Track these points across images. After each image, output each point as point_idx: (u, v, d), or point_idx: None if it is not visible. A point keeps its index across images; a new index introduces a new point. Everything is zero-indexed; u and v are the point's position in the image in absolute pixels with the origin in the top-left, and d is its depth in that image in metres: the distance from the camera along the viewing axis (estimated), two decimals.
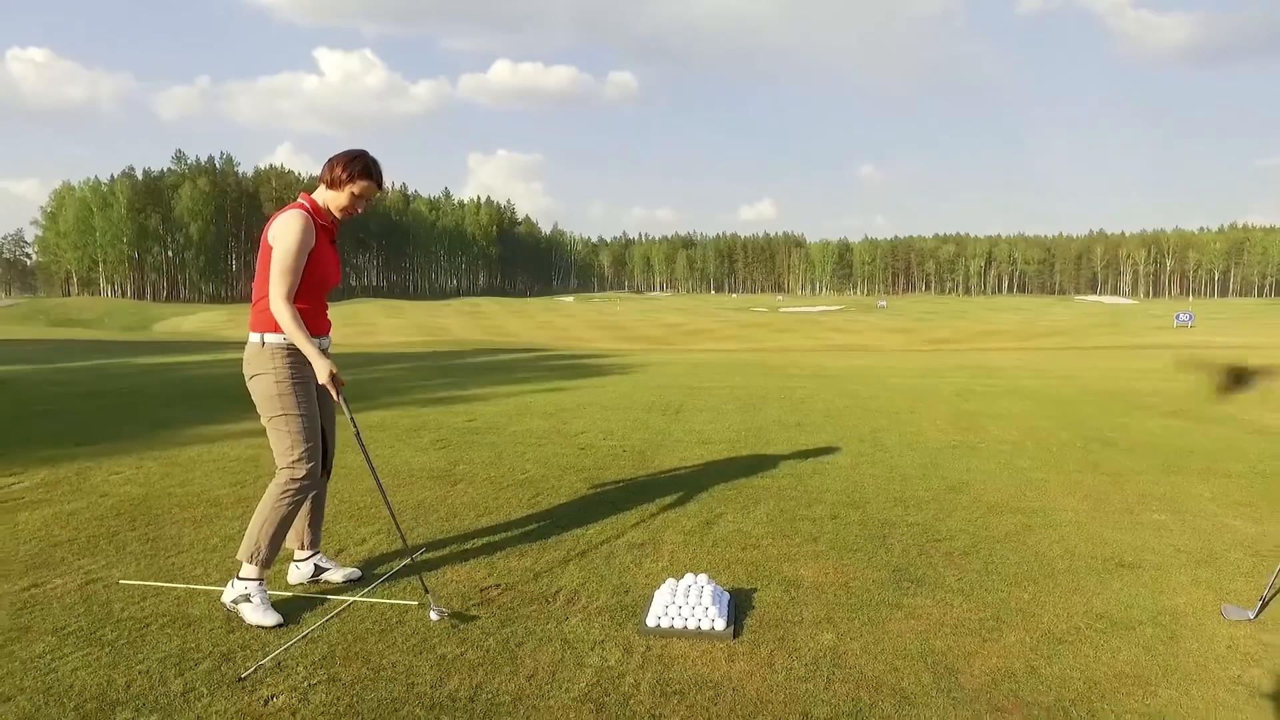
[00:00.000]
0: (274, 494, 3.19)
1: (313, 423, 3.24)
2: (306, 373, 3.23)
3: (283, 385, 3.17)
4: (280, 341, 3.17)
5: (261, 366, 3.19)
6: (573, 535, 4.17)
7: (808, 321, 72.42)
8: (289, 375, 3.18)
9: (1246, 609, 3.17)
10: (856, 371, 13.85)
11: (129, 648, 2.85)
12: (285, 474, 3.19)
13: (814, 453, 6.25)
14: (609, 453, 6.30)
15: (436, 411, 8.61)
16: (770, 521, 4.40)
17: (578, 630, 3.00)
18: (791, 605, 3.23)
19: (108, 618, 3.12)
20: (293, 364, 3.19)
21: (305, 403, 3.21)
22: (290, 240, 3.12)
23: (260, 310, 3.20)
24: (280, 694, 2.52)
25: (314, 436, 3.24)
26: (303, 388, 3.21)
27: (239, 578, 3.15)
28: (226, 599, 3.12)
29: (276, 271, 3.11)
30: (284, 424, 3.18)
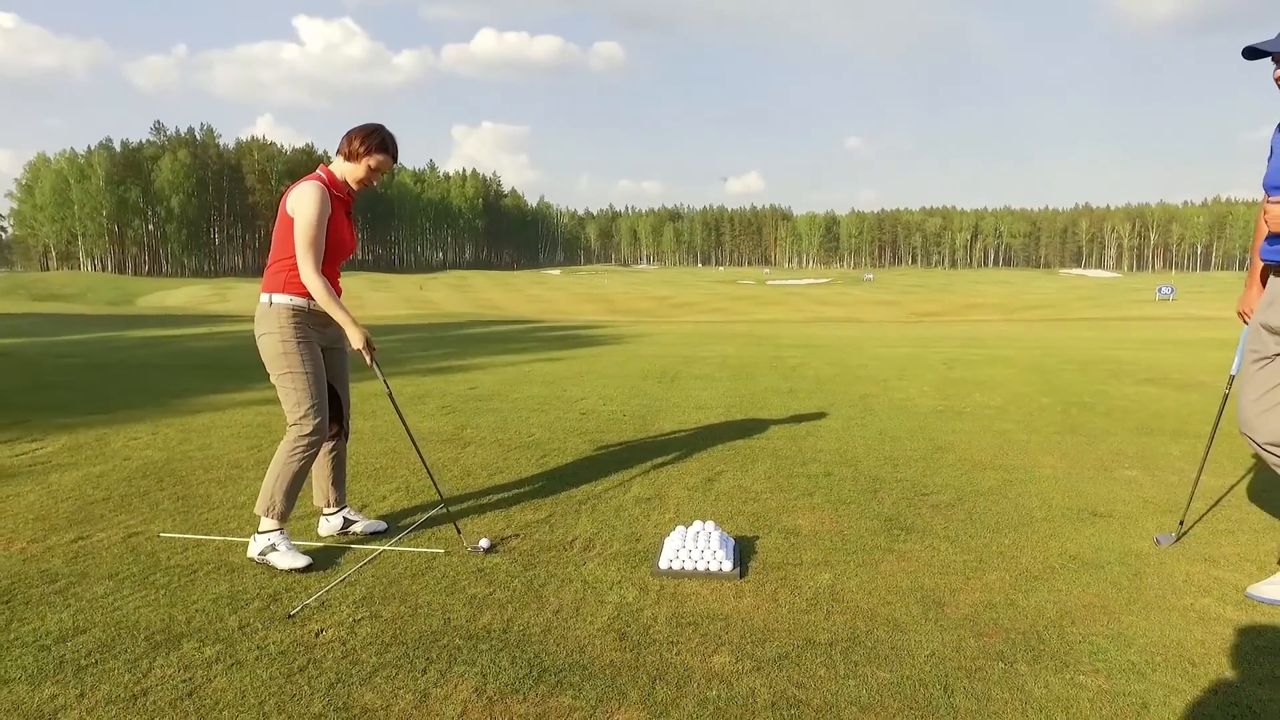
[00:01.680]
0: (285, 450, 3.39)
1: (318, 380, 3.41)
2: (311, 333, 3.41)
3: (288, 344, 3.35)
4: (286, 302, 3.35)
5: (268, 326, 3.38)
6: (582, 491, 4.42)
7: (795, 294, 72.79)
8: (294, 335, 3.36)
9: (1171, 533, 3.69)
10: (845, 342, 14.14)
11: (181, 590, 3.08)
12: (294, 430, 3.38)
13: (806, 417, 6.51)
14: (609, 417, 6.55)
15: (438, 380, 8.82)
16: (768, 478, 4.67)
17: (596, 573, 3.25)
18: (791, 550, 3.50)
19: (156, 565, 3.35)
20: (297, 324, 3.35)
21: (310, 361, 3.39)
22: (309, 213, 3.30)
23: (273, 273, 3.38)
24: (328, 628, 2.76)
25: (320, 394, 3.41)
26: (307, 347, 3.39)
27: (259, 532, 3.36)
28: (253, 553, 3.33)
29: (301, 245, 3.29)
30: (290, 381, 3.37)
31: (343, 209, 3.48)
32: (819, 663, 2.52)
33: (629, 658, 2.55)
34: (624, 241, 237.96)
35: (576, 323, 21.27)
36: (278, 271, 3.37)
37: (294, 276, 3.35)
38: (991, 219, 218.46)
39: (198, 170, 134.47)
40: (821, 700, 2.31)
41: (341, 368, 3.67)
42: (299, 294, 3.37)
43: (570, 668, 2.49)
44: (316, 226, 3.30)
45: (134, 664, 2.50)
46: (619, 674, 2.46)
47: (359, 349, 3.45)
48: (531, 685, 2.39)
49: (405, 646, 2.64)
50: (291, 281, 3.36)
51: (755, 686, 2.38)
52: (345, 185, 3.48)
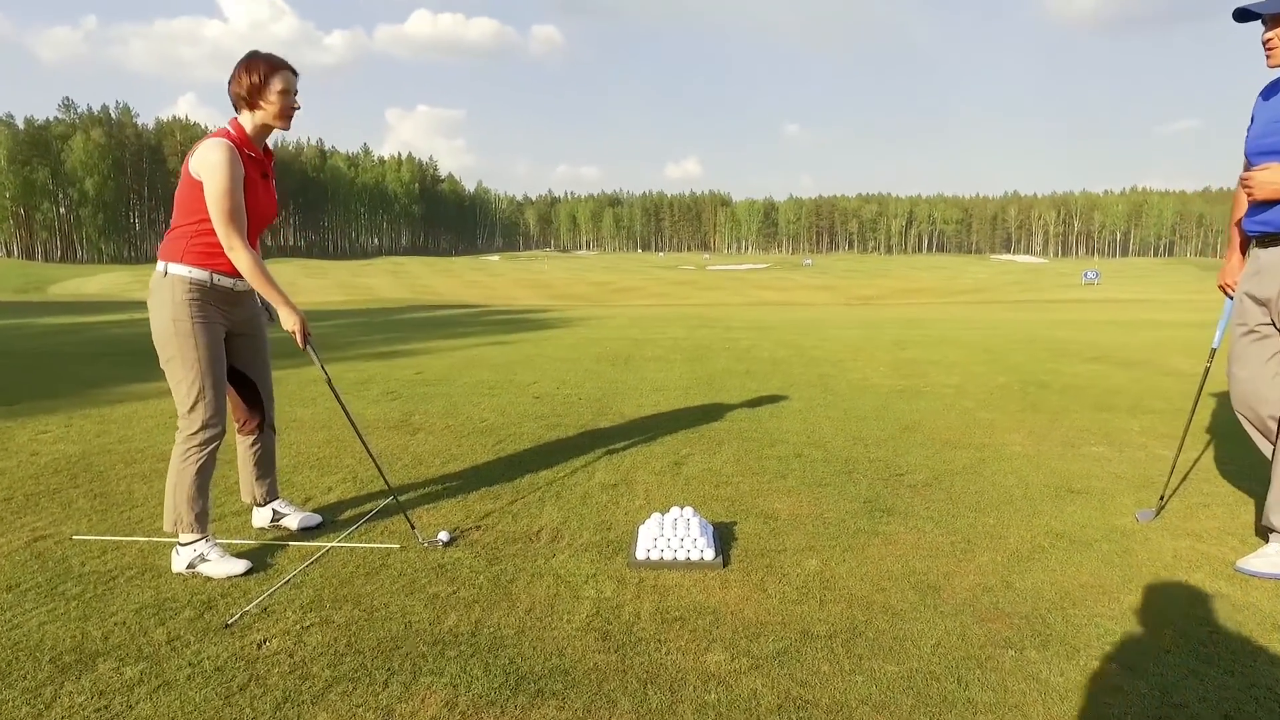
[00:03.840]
0: (178, 454, 2.99)
1: (213, 369, 2.97)
2: (212, 313, 2.98)
3: (181, 324, 2.92)
4: (184, 274, 2.92)
5: (160, 299, 2.95)
6: (544, 478, 4.16)
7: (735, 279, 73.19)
8: (189, 313, 2.93)
9: (1151, 509, 3.62)
10: (794, 324, 14.10)
11: (98, 601, 2.72)
12: (184, 426, 2.98)
13: (767, 398, 6.36)
14: (565, 401, 6.28)
15: (381, 365, 8.40)
16: (737, 461, 4.48)
17: (567, 565, 3.00)
18: (773, 536, 3.31)
19: (67, 573, 2.97)
20: (195, 301, 2.92)
21: (207, 346, 2.96)
22: (221, 179, 2.86)
23: (172, 239, 2.96)
24: (273, 637, 2.45)
25: (214, 385, 2.97)
26: (204, 329, 2.94)
27: (180, 545, 2.98)
28: (179, 567, 2.94)
29: (220, 217, 2.88)
30: (180, 367, 2.95)
31: (258, 170, 3.04)
32: (821, 657, 2.33)
33: (614, 660, 2.32)
34: (563, 227, 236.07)
35: (521, 307, 20.84)
36: (178, 238, 2.96)
37: (196, 245, 2.94)
38: (925, 206, 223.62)
39: (114, 151, 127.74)
40: (830, 699, 2.11)
41: (257, 356, 3.28)
42: (200, 265, 2.95)
43: (551, 673, 2.24)
44: (231, 193, 2.88)
45: (35, 692, 2.15)
46: (605, 679, 2.22)
47: (291, 331, 3.11)
48: (509, 695, 2.14)
49: (362, 656, 2.35)
50: (193, 250, 2.94)
51: (757, 687, 2.17)
52: (259, 141, 3.06)
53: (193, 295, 2.94)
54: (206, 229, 2.94)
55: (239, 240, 2.93)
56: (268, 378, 3.35)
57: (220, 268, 2.99)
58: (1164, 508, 3.65)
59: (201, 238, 2.95)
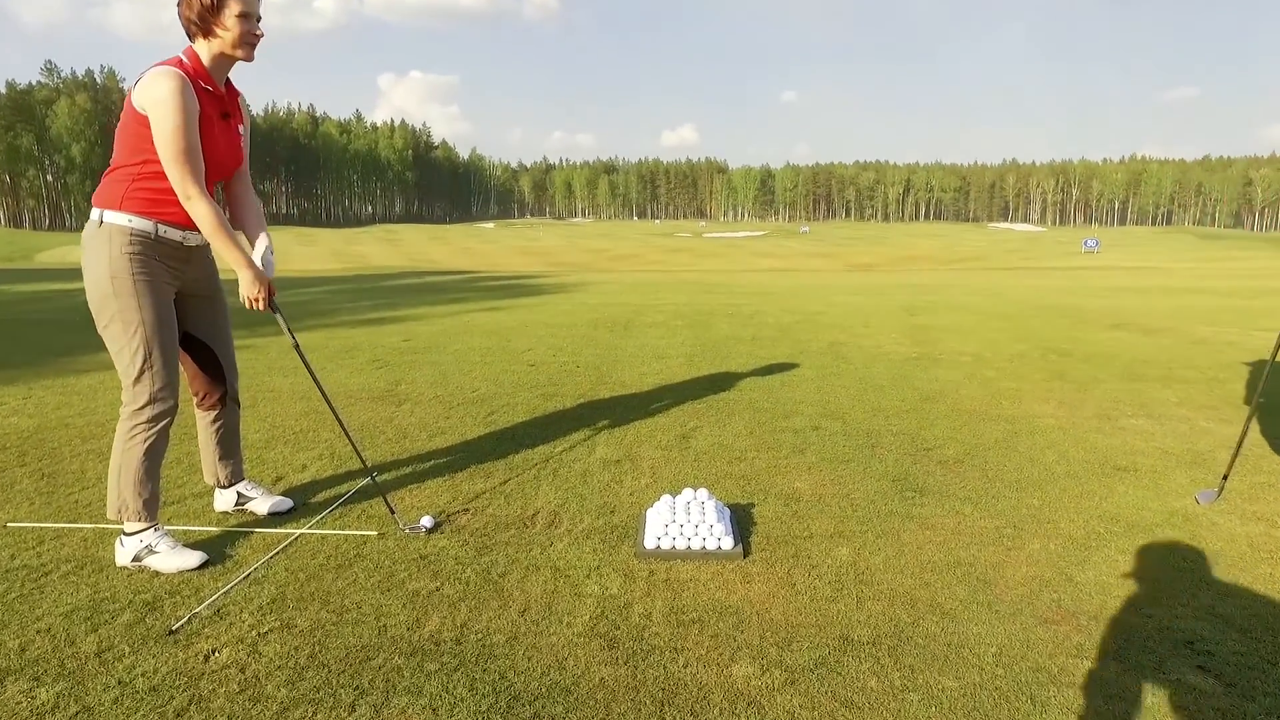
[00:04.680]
0: (122, 431, 2.62)
1: (162, 334, 2.57)
2: (158, 270, 2.58)
3: (120, 282, 2.52)
4: (123, 223, 2.51)
5: (96, 254, 2.54)
6: (540, 453, 3.80)
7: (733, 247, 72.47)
8: (129, 269, 2.52)
9: (1212, 489, 3.27)
10: (798, 290, 13.69)
11: (21, 603, 2.36)
12: (129, 401, 2.60)
13: (776, 366, 5.99)
14: (562, 369, 5.91)
15: (369, 332, 8.00)
16: (750, 434, 4.12)
17: (567, 556, 2.65)
18: (796, 519, 2.96)
19: None
20: (137, 256, 2.52)
21: (153, 307, 2.56)
22: (170, 114, 2.41)
23: (110, 182, 2.56)
24: (224, 647, 2.10)
25: (163, 353, 2.58)
26: (149, 288, 2.55)
27: (125, 535, 2.62)
28: (123, 560, 2.58)
29: (170, 159, 2.46)
30: (120, 333, 2.55)
31: (216, 108, 2.60)
32: (866, 670, 1.98)
33: (624, 673, 1.97)
34: (559, 195, 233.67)
35: (516, 273, 20.35)
36: (118, 182, 2.54)
37: (139, 190, 2.53)
38: (923, 174, 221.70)
39: (100, 116, 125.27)
40: None
41: (216, 321, 2.88)
42: (143, 214, 2.54)
43: (549, 691, 1.90)
44: (186, 131, 2.45)
45: None
46: (614, 697, 1.87)
47: (249, 298, 2.72)
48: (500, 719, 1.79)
49: (326, 670, 1.99)
50: (135, 197, 2.53)
51: (794, 708, 1.83)
52: (220, 75, 2.61)
53: (134, 249, 2.54)
54: (152, 172, 2.52)
55: (195, 188, 2.52)
56: (228, 345, 2.96)
57: (167, 217, 2.58)
58: (1221, 487, 3.30)
59: (146, 182, 2.53)
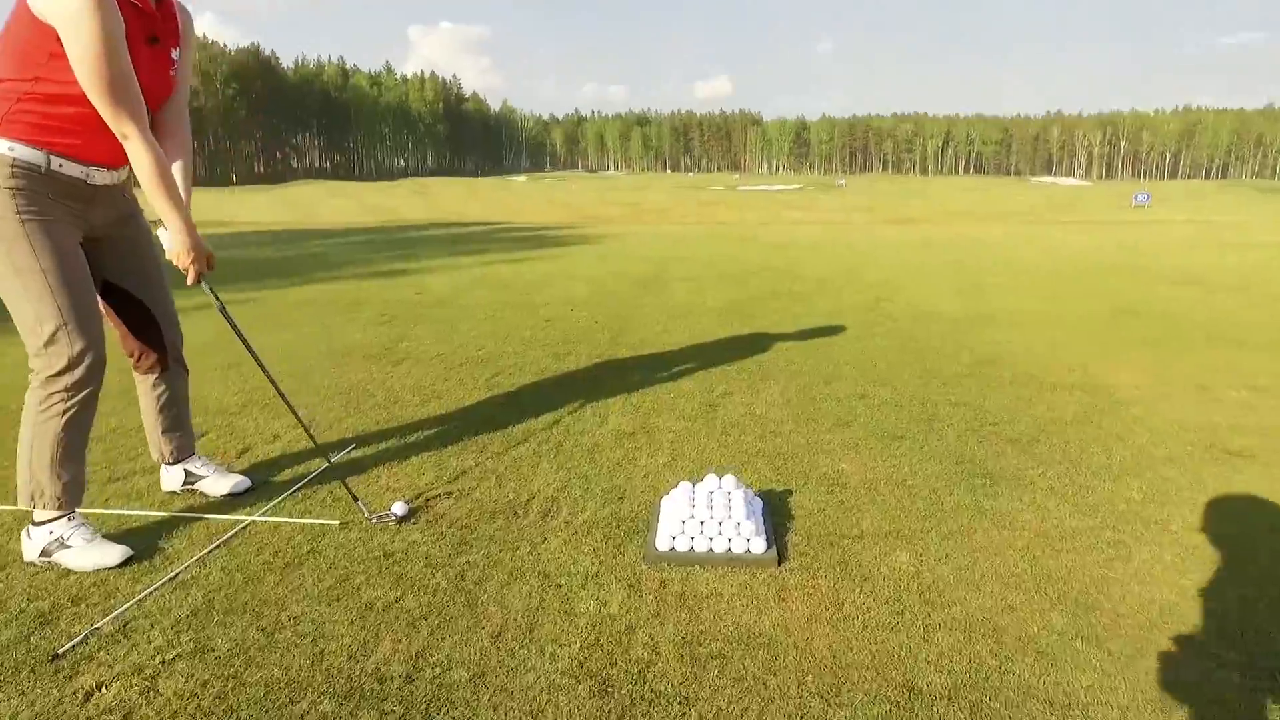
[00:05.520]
0: (34, 404, 2.16)
1: (71, 285, 2.12)
2: (53, 209, 2.11)
3: (6, 224, 2.04)
4: (3, 150, 2.02)
5: None
6: (543, 423, 3.31)
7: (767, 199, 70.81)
8: (13, 208, 2.04)
9: None
10: (836, 243, 12.96)
11: None
12: (40, 368, 2.14)
13: (816, 324, 5.42)
14: (578, 326, 5.40)
15: (379, 285, 7.56)
16: (787, 403, 3.59)
17: (560, 557, 2.17)
18: (842, 512, 2.44)
19: None
20: (22, 191, 2.05)
21: (53, 253, 2.09)
22: (89, 33, 1.92)
23: None
24: (115, 680, 1.66)
25: (78, 307, 2.13)
26: (44, 228, 2.08)
27: (34, 524, 2.19)
28: (30, 555, 2.17)
29: (97, 91, 1.98)
30: (20, 287, 2.08)
31: (143, 29, 2.09)
32: None
33: None
34: (591, 147, 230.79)
35: (541, 224, 19.75)
36: (1, 97, 2.03)
37: (26, 112, 2.03)
38: (964, 126, 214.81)
39: None
40: None
41: (143, 266, 2.41)
42: (30, 141, 2.05)
43: None
44: (111, 55, 1.95)
45: None
46: None
47: (176, 261, 2.28)
48: None
49: (234, 718, 1.54)
50: (19, 120, 2.03)
51: None
52: None
53: (17, 183, 2.04)
54: (47, 94, 2.02)
55: (132, 125, 2.04)
56: (163, 294, 2.48)
57: (63, 148, 2.09)
58: None
59: (35, 105, 2.02)
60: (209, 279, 2.38)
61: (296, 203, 58.17)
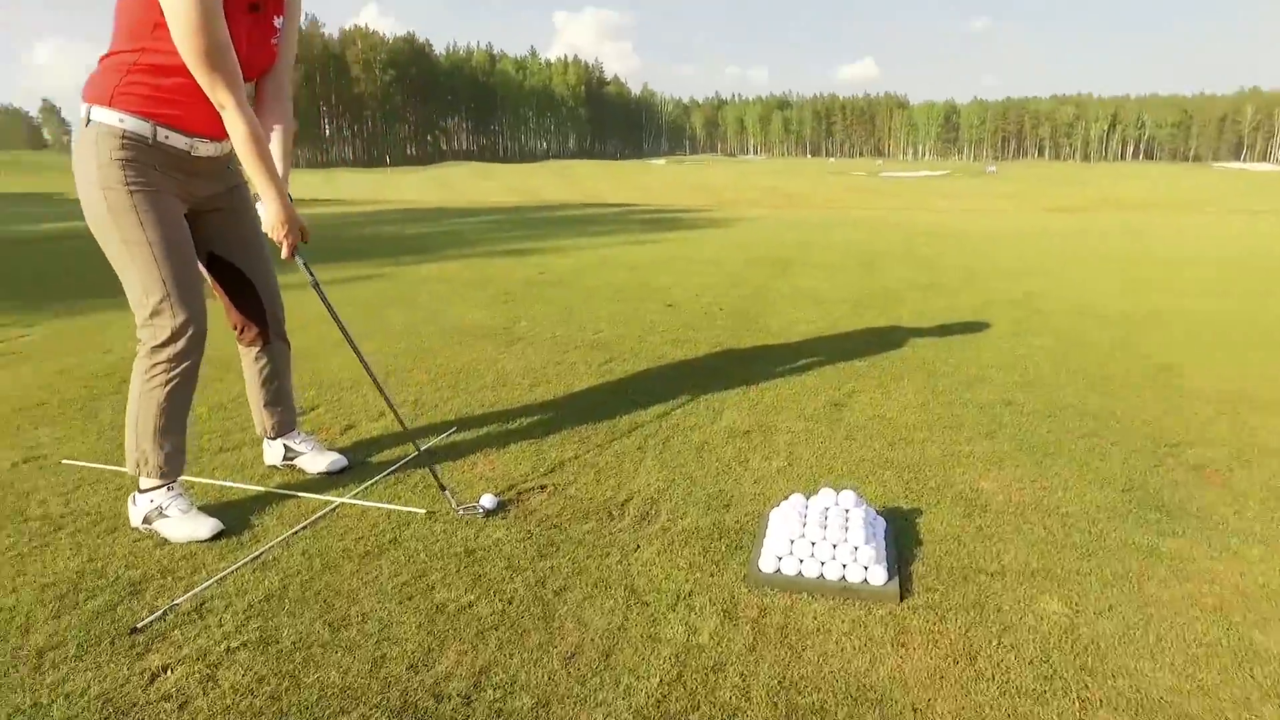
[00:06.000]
0: (140, 373, 2.16)
1: (175, 257, 2.10)
2: (160, 181, 2.09)
3: (114, 195, 2.02)
4: (112, 122, 2.00)
5: (84, 161, 2.04)
6: (652, 414, 3.11)
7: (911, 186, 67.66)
8: (122, 179, 2.02)
9: None
10: (985, 232, 12.06)
11: (10, 565, 1.99)
12: (146, 338, 2.14)
13: (959, 319, 4.95)
14: (702, 312, 5.17)
15: (505, 263, 7.61)
16: (921, 405, 3.23)
17: (651, 570, 1.96)
18: (980, 541, 2.10)
19: (19, 514, 2.28)
20: (131, 163, 2.03)
21: (158, 224, 2.07)
22: (186, 3, 1.86)
23: (101, 70, 2.03)
24: (179, 664, 1.59)
25: (181, 279, 2.11)
26: (151, 200, 2.06)
27: (139, 491, 2.21)
28: (135, 521, 2.19)
29: (194, 60, 1.93)
30: (125, 257, 2.08)
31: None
32: None
33: None
34: (730, 131, 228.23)
35: (675, 206, 19.59)
36: (110, 70, 2.02)
37: (136, 83, 2.00)
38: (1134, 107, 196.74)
39: (304, 62, 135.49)
40: None
41: (245, 238, 2.37)
42: (138, 113, 2.02)
43: None
44: (208, 25, 1.90)
45: None
46: None
47: (278, 238, 2.23)
48: None
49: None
50: (128, 91, 2.00)
51: None
52: None
53: (126, 154, 2.03)
54: (152, 64, 1.99)
55: (230, 95, 1.99)
56: (265, 268, 2.46)
57: (169, 119, 2.06)
58: None
59: (143, 75, 2.00)
60: (303, 252, 2.32)
61: (445, 183, 60.87)
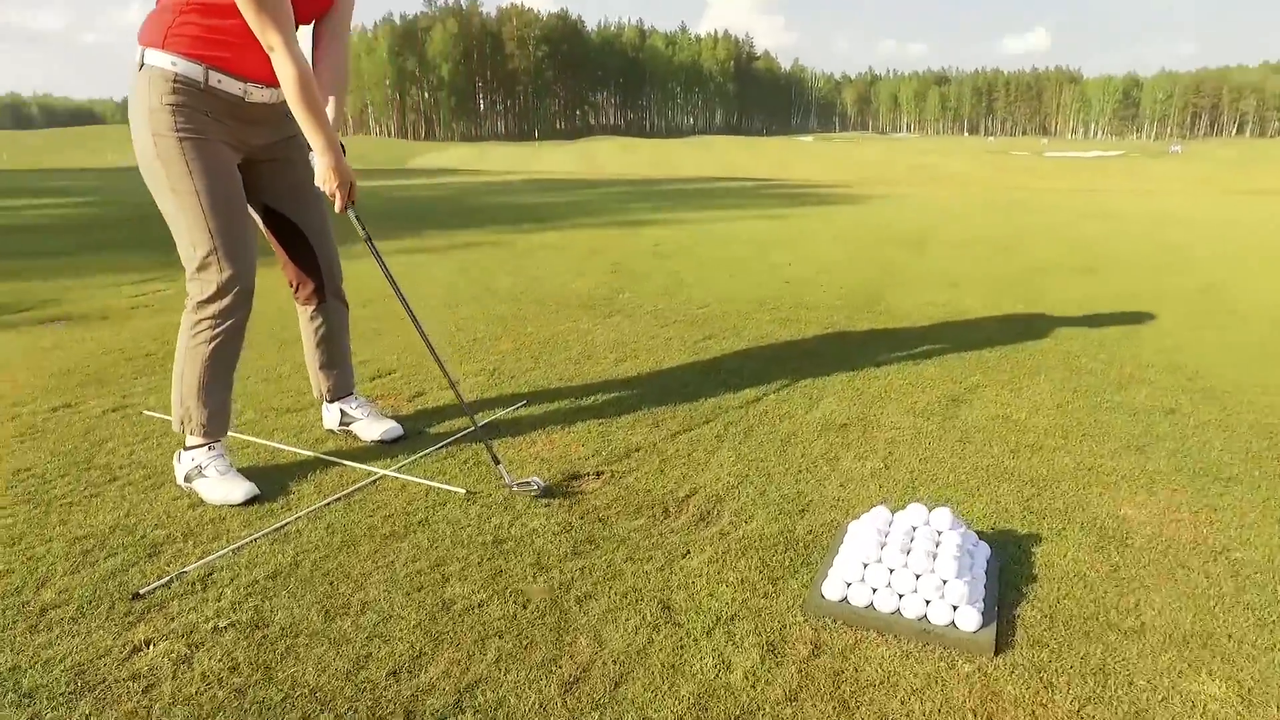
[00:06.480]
0: (186, 328, 2.09)
1: (225, 207, 2.02)
2: (210, 128, 2.00)
3: (164, 142, 1.95)
4: (165, 65, 1.91)
5: (136, 106, 1.97)
6: (740, 399, 2.81)
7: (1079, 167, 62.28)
8: (172, 125, 1.94)
9: None
10: (1160, 215, 10.74)
11: (57, 513, 1.97)
12: (193, 292, 2.06)
13: (1117, 309, 4.30)
14: (820, 289, 4.77)
15: (622, 234, 7.43)
16: (1059, 408, 2.75)
17: (696, 582, 1.68)
18: (1114, 585, 1.68)
19: (85, 461, 2.29)
20: (182, 108, 1.95)
21: (206, 173, 1.98)
22: None
23: (155, 13, 1.96)
24: (164, 638, 1.47)
25: (230, 231, 2.03)
26: (201, 149, 1.98)
27: (184, 448, 2.14)
28: (179, 479, 2.13)
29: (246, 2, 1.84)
30: (174, 206, 2.00)
31: None
32: None
33: None
34: (883, 108, 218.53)
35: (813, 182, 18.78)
36: (164, 11, 1.94)
37: (188, 26, 1.92)
38: None
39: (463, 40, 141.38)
40: None
41: (301, 191, 2.25)
42: (191, 55, 1.93)
43: None
44: None
45: None
46: None
47: (330, 191, 2.10)
48: None
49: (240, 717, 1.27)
50: (180, 33, 1.92)
51: None
52: None
53: (177, 99, 1.95)
54: (204, 3, 1.91)
55: (278, 36, 1.88)
56: (321, 224, 2.34)
57: (221, 62, 1.97)
58: None
59: (195, 16, 1.92)
60: (363, 219, 2.19)
61: (588, 156, 61.72)
